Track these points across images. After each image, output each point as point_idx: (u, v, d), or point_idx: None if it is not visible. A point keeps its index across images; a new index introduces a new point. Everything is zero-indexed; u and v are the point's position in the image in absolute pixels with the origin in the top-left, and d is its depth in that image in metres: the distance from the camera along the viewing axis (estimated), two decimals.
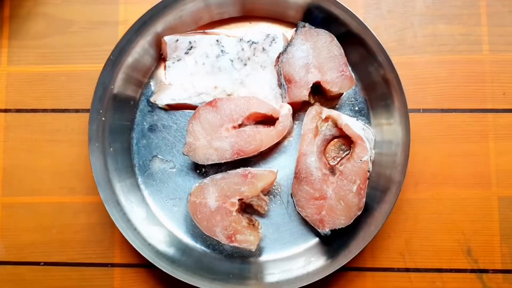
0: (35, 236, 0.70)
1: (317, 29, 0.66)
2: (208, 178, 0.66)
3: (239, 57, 0.68)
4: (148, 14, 0.64)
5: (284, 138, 0.69)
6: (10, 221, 0.70)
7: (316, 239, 0.67)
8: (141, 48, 0.67)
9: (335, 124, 0.66)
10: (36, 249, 0.70)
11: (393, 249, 0.68)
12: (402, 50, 0.70)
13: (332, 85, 0.65)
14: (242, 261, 0.67)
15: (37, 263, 0.70)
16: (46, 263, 0.70)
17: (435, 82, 0.70)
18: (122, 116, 0.68)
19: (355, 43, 0.65)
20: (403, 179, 0.61)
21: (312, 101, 0.67)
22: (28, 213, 0.70)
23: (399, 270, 0.68)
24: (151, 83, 0.71)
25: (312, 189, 0.64)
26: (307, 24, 0.66)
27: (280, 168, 0.68)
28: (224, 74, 0.69)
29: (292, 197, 0.66)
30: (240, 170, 0.65)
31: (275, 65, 0.68)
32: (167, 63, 0.69)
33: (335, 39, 0.66)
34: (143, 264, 0.69)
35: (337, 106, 0.69)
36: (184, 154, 0.66)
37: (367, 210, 0.64)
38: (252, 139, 0.65)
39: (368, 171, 0.64)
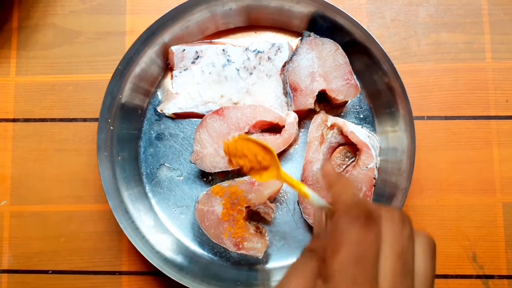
0: (44, 244, 0.70)
1: (322, 38, 0.67)
2: (215, 186, 0.66)
3: (245, 66, 0.69)
4: (156, 24, 0.65)
5: (290, 146, 0.69)
6: (19, 230, 0.71)
7: None
8: (149, 58, 0.67)
9: (341, 132, 0.67)
10: (44, 258, 0.70)
11: None
12: (406, 58, 0.71)
13: (338, 93, 0.66)
14: (249, 268, 0.68)
15: (46, 272, 0.70)
16: (54, 272, 0.70)
17: (438, 90, 0.71)
18: (130, 125, 0.69)
19: (360, 51, 0.66)
20: (409, 186, 0.62)
21: (317, 109, 0.68)
22: (37, 222, 0.71)
23: None
24: (158, 93, 0.71)
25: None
26: (312, 34, 0.67)
27: None
28: (230, 83, 0.70)
29: (298, 204, 0.67)
30: (247, 178, 0.66)
31: (280, 74, 0.69)
32: (174, 72, 0.70)
33: (340, 48, 0.66)
34: (150, 272, 0.69)
35: (342, 114, 0.70)
36: (191, 162, 0.67)
37: None
38: None
39: (374, 178, 0.64)
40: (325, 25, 0.68)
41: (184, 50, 0.69)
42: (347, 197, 0.37)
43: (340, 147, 0.69)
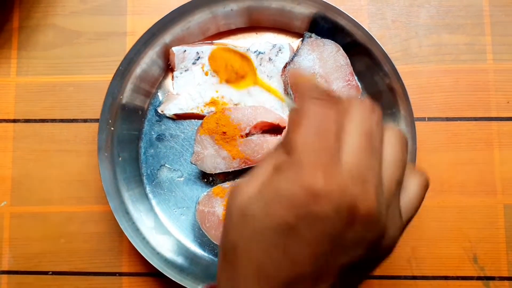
0: (44, 245, 0.70)
1: (323, 39, 0.67)
2: (215, 187, 0.66)
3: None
4: (157, 25, 0.65)
5: None
6: (19, 230, 0.71)
7: None
8: (150, 59, 0.67)
9: None
10: (44, 259, 0.70)
11: (400, 256, 0.69)
12: (407, 60, 0.71)
13: (339, 94, 0.66)
14: None
15: (46, 273, 0.70)
16: (54, 273, 0.70)
17: (439, 91, 0.71)
18: (131, 126, 0.69)
19: (361, 52, 0.66)
20: None
21: None
22: (37, 223, 0.71)
23: (406, 277, 0.68)
24: (159, 93, 0.71)
25: None
26: (313, 35, 0.67)
27: None
28: None
29: None
30: None
31: (281, 75, 0.69)
32: (175, 73, 0.70)
33: (341, 49, 0.66)
34: (151, 273, 0.69)
35: None
36: (191, 163, 0.67)
37: None
38: (260, 148, 0.66)
39: None
40: (326, 26, 0.68)
41: (185, 51, 0.69)
42: (312, 83, 0.36)
43: None
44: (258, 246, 0.33)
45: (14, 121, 0.72)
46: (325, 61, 0.66)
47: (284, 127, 0.66)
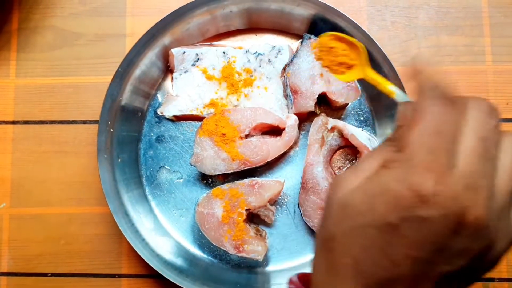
0: (43, 247, 0.70)
1: None
2: (215, 188, 0.66)
3: (245, 68, 0.69)
4: (156, 27, 0.65)
5: (291, 148, 0.69)
6: (18, 232, 0.71)
7: None
8: (149, 60, 0.67)
9: (341, 135, 0.67)
10: (44, 260, 0.70)
11: None
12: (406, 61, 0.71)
13: (338, 96, 0.66)
14: (249, 271, 0.68)
15: (45, 274, 0.70)
16: (53, 274, 0.70)
17: None
18: (130, 128, 0.69)
19: None
20: None
21: (318, 112, 0.68)
22: (36, 224, 0.70)
23: None
24: (158, 95, 0.71)
25: (318, 199, 0.65)
26: (312, 36, 0.67)
27: (286, 178, 0.69)
28: None
29: (298, 207, 0.67)
30: (247, 181, 0.66)
31: (281, 77, 0.69)
32: (174, 74, 0.70)
33: None
34: (150, 275, 0.69)
35: (342, 116, 0.70)
36: (191, 165, 0.67)
37: None
38: (259, 149, 0.66)
39: None
40: (325, 28, 0.68)
41: (184, 52, 0.69)
42: (433, 80, 0.35)
43: (341, 150, 0.69)
44: (358, 241, 0.33)
45: (13, 122, 0.72)
46: None
47: (284, 129, 0.66)
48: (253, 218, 0.68)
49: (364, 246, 0.33)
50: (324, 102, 0.69)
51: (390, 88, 0.44)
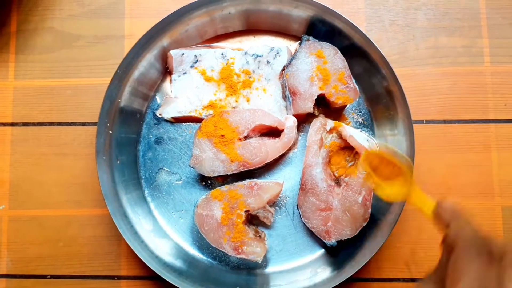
0: (42, 249, 0.70)
1: (321, 42, 0.67)
2: (214, 190, 0.66)
3: (244, 70, 0.69)
4: (155, 28, 0.65)
5: (289, 149, 0.69)
6: (17, 234, 0.70)
7: (322, 250, 0.68)
8: (148, 62, 0.67)
9: (340, 136, 0.67)
10: (43, 262, 0.70)
11: (399, 259, 0.69)
12: (405, 62, 0.71)
13: (337, 97, 0.66)
14: (249, 272, 0.67)
15: (44, 276, 0.70)
16: (52, 276, 0.70)
17: (437, 94, 0.71)
18: (129, 129, 0.69)
19: (359, 55, 0.66)
20: None
21: (316, 113, 0.68)
22: (35, 226, 0.70)
23: (404, 280, 0.68)
24: (157, 97, 0.71)
25: (317, 200, 0.65)
26: (311, 38, 0.67)
27: (285, 179, 0.69)
28: None
29: (297, 208, 0.67)
30: (246, 182, 0.66)
31: (279, 78, 0.69)
32: (173, 76, 0.70)
33: (339, 52, 0.66)
34: (149, 276, 0.69)
35: (341, 117, 0.70)
36: (190, 166, 0.67)
37: (373, 221, 0.65)
38: (258, 151, 0.66)
39: None
40: (324, 29, 0.68)
41: (183, 54, 0.69)
42: (467, 233, 0.36)
43: (339, 151, 0.69)
44: None
45: (12, 124, 0.72)
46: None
47: (282, 130, 0.66)
48: (252, 219, 0.68)
49: None
50: (322, 104, 0.69)
51: (430, 213, 0.44)
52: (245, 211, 0.65)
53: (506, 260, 0.34)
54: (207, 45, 0.72)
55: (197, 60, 0.69)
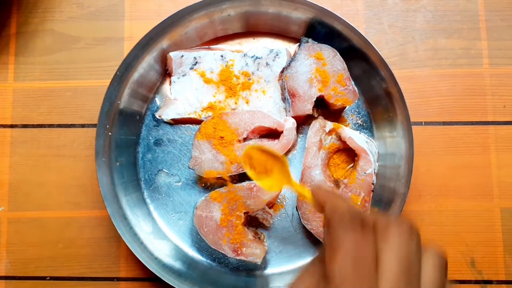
0: (41, 250, 0.70)
1: (320, 44, 0.67)
2: (213, 191, 0.66)
3: (243, 72, 0.69)
4: (154, 30, 0.65)
5: (289, 151, 0.69)
6: (16, 236, 0.70)
7: None
8: (147, 64, 0.68)
9: (339, 137, 0.67)
10: (42, 264, 0.70)
11: None
12: (404, 64, 0.72)
13: (336, 99, 0.66)
14: (248, 274, 0.68)
15: (43, 278, 0.70)
16: (52, 278, 0.70)
17: (436, 96, 0.71)
18: (128, 131, 0.69)
19: (358, 57, 0.67)
20: (407, 191, 0.62)
21: (315, 115, 0.68)
22: (34, 228, 0.70)
23: None
24: (157, 98, 0.71)
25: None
26: (310, 40, 0.68)
27: None
28: None
29: (297, 210, 0.67)
30: (245, 184, 0.66)
31: (278, 80, 0.69)
32: (173, 78, 0.70)
33: (338, 54, 0.67)
34: (149, 278, 0.69)
35: (340, 119, 0.70)
36: (189, 168, 0.67)
37: None
38: None
39: (372, 184, 0.64)
40: (323, 31, 0.68)
41: (182, 56, 0.69)
42: (340, 207, 0.37)
43: (338, 153, 0.69)
44: None
45: (12, 126, 0.72)
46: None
47: (282, 132, 0.66)
48: (252, 221, 0.68)
49: None
50: (322, 105, 0.69)
51: (309, 194, 0.47)
52: (245, 213, 0.65)
53: (378, 226, 0.35)
54: (207, 47, 0.72)
55: (196, 62, 0.70)
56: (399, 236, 0.34)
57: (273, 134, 0.68)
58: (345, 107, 0.69)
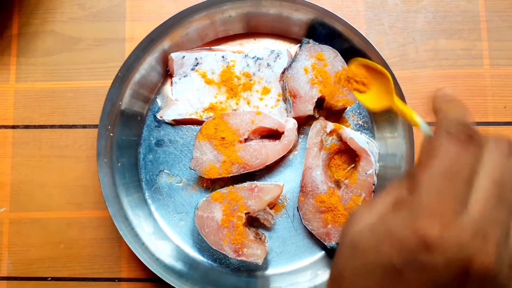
0: (43, 251, 0.70)
1: (321, 45, 0.67)
2: (214, 192, 0.66)
3: (244, 72, 0.69)
4: (156, 31, 0.66)
5: (290, 152, 0.69)
6: (18, 236, 0.71)
7: (322, 253, 0.68)
8: (148, 65, 0.68)
9: (340, 138, 0.67)
10: (43, 265, 0.70)
11: None
12: (404, 65, 0.72)
13: (337, 100, 0.66)
14: (249, 274, 0.68)
15: (45, 279, 0.70)
16: (53, 278, 0.70)
17: None
18: (130, 132, 0.69)
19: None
20: None
21: (316, 115, 0.68)
22: (36, 229, 0.71)
23: None
24: (158, 99, 0.72)
25: (318, 202, 0.65)
26: (311, 40, 0.68)
27: (285, 181, 0.69)
28: None
29: (298, 210, 0.67)
30: (246, 184, 0.66)
31: (279, 81, 0.69)
32: (174, 79, 0.70)
33: (339, 54, 0.67)
34: (150, 279, 0.69)
35: (341, 120, 0.70)
36: (191, 169, 0.67)
37: None
38: (258, 153, 0.66)
39: (373, 184, 0.64)
40: (324, 32, 0.68)
41: (183, 57, 0.69)
42: (452, 114, 0.34)
43: (339, 153, 0.69)
44: (362, 281, 0.33)
45: (13, 127, 0.73)
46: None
47: (283, 133, 0.67)
48: (253, 221, 0.68)
49: (367, 286, 0.33)
50: (323, 106, 0.69)
51: (416, 119, 0.44)
52: (246, 213, 0.65)
53: (486, 147, 0.32)
54: (208, 48, 0.72)
55: (197, 63, 0.70)
56: (496, 155, 0.32)
57: (274, 134, 0.69)
58: (346, 108, 0.69)
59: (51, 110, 0.73)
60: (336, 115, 0.70)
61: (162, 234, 0.68)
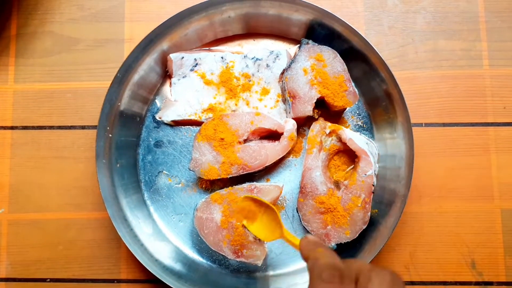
0: (42, 252, 0.70)
1: (320, 45, 0.67)
2: (214, 193, 0.66)
3: (243, 73, 0.69)
4: (155, 32, 0.65)
5: (289, 153, 0.69)
6: (16, 238, 0.70)
7: None
8: (147, 66, 0.68)
9: (339, 139, 0.67)
10: (42, 266, 0.70)
11: (398, 262, 0.69)
12: (404, 66, 0.72)
13: (336, 101, 0.66)
14: (248, 276, 0.67)
15: (43, 280, 0.70)
16: (52, 280, 0.70)
17: (436, 97, 0.71)
18: (129, 133, 0.69)
19: (358, 59, 0.67)
20: (407, 193, 0.62)
21: (316, 116, 0.68)
22: (35, 230, 0.70)
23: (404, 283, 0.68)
24: (157, 100, 0.71)
25: (317, 203, 0.65)
26: (310, 41, 0.68)
27: (285, 182, 0.69)
28: None
29: (297, 211, 0.67)
30: (245, 185, 0.66)
31: (279, 81, 0.69)
32: (173, 80, 0.70)
33: (338, 55, 0.67)
34: (149, 280, 0.69)
35: (340, 120, 0.70)
36: (190, 170, 0.67)
37: (372, 224, 0.65)
38: (258, 154, 0.66)
39: (373, 185, 0.64)
40: (323, 33, 0.68)
41: (183, 57, 0.69)
42: (321, 261, 0.38)
43: (339, 154, 0.69)
44: None
45: (12, 128, 0.72)
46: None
47: (282, 133, 0.66)
48: None
49: None
50: (322, 107, 0.69)
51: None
52: None
53: (361, 278, 0.36)
54: (207, 48, 0.72)
55: (196, 64, 0.70)
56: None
57: (273, 135, 0.68)
58: (345, 109, 0.69)
59: (50, 111, 0.72)
60: (335, 116, 0.70)
61: (161, 235, 0.68)
